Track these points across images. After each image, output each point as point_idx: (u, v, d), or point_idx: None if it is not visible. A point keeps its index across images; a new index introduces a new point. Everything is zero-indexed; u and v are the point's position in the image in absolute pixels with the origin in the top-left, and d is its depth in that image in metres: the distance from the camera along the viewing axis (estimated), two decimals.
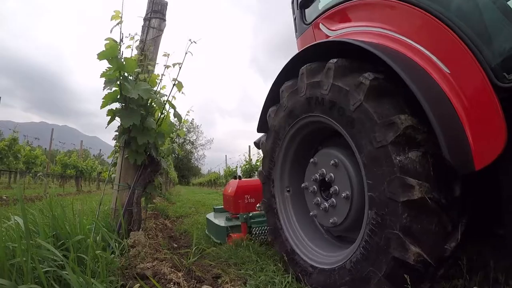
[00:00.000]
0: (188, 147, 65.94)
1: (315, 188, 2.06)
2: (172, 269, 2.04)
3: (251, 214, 3.25)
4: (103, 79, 2.49)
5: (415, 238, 1.33)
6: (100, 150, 23.37)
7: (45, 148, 15.30)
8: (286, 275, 2.09)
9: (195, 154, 67.91)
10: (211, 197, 13.30)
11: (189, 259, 2.32)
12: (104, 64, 2.46)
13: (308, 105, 1.93)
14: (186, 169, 64.09)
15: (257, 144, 3.08)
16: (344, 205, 1.82)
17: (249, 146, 15.87)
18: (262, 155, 2.52)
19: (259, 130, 2.73)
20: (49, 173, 13.67)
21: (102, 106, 2.57)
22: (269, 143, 2.37)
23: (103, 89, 2.48)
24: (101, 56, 2.41)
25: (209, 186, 33.04)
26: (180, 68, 2.82)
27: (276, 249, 2.36)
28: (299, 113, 2.03)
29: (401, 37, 1.71)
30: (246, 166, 15.11)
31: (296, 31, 2.88)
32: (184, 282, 1.90)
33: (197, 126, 67.49)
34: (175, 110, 2.92)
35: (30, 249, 1.37)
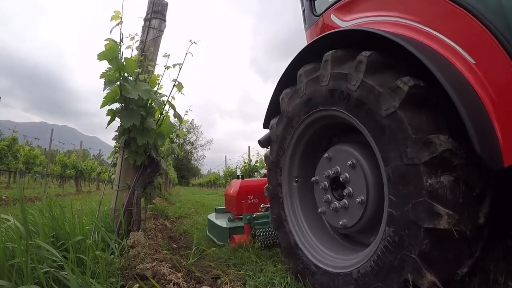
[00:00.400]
0: (188, 147, 65.97)
1: (327, 184, 1.95)
2: (172, 270, 2.03)
3: (254, 215, 3.12)
4: (104, 79, 2.49)
5: (432, 266, 1.27)
6: (100, 150, 23.36)
7: (45, 148, 15.30)
8: (285, 275, 2.09)
9: (195, 154, 67.98)
10: (211, 197, 13.30)
11: (189, 259, 2.32)
12: (104, 64, 2.46)
13: (330, 98, 1.75)
14: (186, 170, 64.10)
15: (261, 142, 2.98)
16: (357, 210, 1.72)
17: (249, 147, 15.89)
18: (262, 156, 2.48)
19: (265, 126, 2.55)
20: (48, 173, 13.66)
21: (102, 106, 2.57)
22: (280, 129, 2.19)
23: (103, 90, 2.48)
24: (101, 56, 2.42)
25: (208, 186, 33.05)
26: (180, 69, 2.83)
27: (279, 239, 2.27)
28: (318, 104, 1.85)
29: (420, 26, 1.59)
30: (246, 167, 15.12)
31: (305, 23, 2.77)
32: (184, 282, 1.90)
33: (197, 126, 67.56)
34: (175, 111, 2.92)
35: (29, 250, 1.37)
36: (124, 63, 2.48)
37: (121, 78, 2.50)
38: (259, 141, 3.02)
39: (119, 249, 2.19)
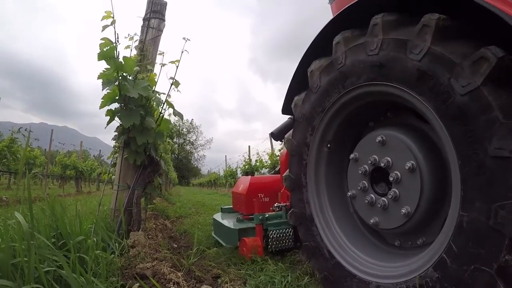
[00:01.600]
0: (188, 147, 66.08)
1: (368, 170, 1.63)
2: (172, 269, 2.03)
3: (267, 215, 2.81)
4: (102, 79, 2.49)
5: None
6: (100, 151, 23.34)
7: (45, 149, 15.30)
8: (286, 274, 2.09)
9: (195, 154, 68.09)
10: (211, 197, 13.32)
11: (189, 259, 2.32)
12: (104, 65, 2.47)
13: (417, 80, 1.27)
14: (186, 170, 64.21)
15: (274, 134, 2.78)
16: (399, 219, 1.48)
17: (249, 146, 15.95)
18: (261, 156, 2.37)
19: (284, 112, 2.21)
20: (49, 174, 13.66)
21: (101, 107, 2.57)
22: (325, 80, 1.72)
23: (102, 90, 2.49)
24: (100, 56, 2.42)
25: (209, 186, 33.06)
26: (177, 66, 2.82)
27: (293, 199, 2.00)
28: (393, 78, 1.38)
29: None
30: (246, 166, 15.13)
31: None
32: (184, 282, 1.90)
33: (197, 126, 67.64)
34: (174, 109, 2.92)
35: (32, 249, 1.37)
36: (123, 62, 2.48)
37: (119, 77, 2.50)
38: (271, 133, 2.80)
39: (119, 249, 2.19)
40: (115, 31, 2.46)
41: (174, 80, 2.84)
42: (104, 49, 2.42)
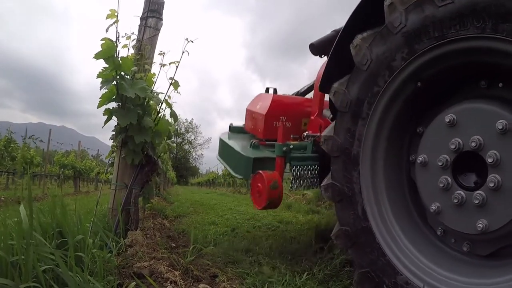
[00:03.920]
0: (187, 147, 66.04)
1: (461, 148, 1.23)
2: (169, 268, 2.04)
3: (291, 145, 2.19)
4: (100, 78, 2.49)
5: None
6: (98, 150, 23.29)
7: (43, 149, 15.25)
8: (283, 273, 2.09)
9: (193, 154, 67.99)
10: (210, 196, 13.33)
11: (186, 258, 2.32)
12: (102, 64, 2.47)
13: None
14: (185, 169, 64.17)
15: (314, 46, 2.36)
16: (471, 228, 1.20)
17: None
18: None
19: (322, 88, 1.81)
20: (47, 173, 13.62)
21: (99, 106, 2.58)
22: (465, 2, 1.13)
23: (100, 89, 2.49)
24: (97, 56, 2.42)
25: (207, 186, 33.07)
26: (177, 67, 2.82)
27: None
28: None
29: None
30: None
31: None
32: (181, 280, 1.90)
33: (196, 126, 67.54)
34: (171, 109, 2.92)
35: (30, 248, 1.37)
36: (121, 61, 2.48)
37: (117, 77, 2.50)
38: (311, 45, 2.32)
39: (117, 248, 2.19)
40: (117, 30, 2.46)
41: (174, 81, 2.84)
42: (103, 49, 2.42)
